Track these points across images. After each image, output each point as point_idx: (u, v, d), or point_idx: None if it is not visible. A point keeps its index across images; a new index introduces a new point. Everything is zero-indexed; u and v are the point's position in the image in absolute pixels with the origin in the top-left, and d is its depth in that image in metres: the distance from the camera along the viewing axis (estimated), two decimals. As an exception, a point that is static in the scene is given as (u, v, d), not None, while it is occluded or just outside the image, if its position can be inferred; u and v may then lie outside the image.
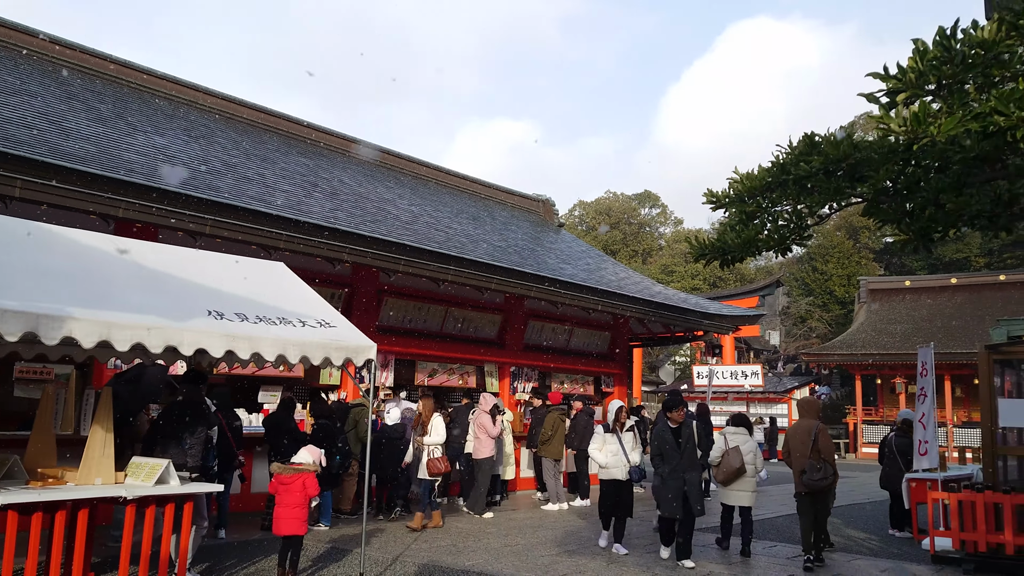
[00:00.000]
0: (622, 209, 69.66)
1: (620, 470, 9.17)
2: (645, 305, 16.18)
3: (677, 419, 8.57)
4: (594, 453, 9.38)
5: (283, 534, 7.02)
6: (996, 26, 2.94)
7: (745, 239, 4.93)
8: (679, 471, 8.33)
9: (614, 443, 9.24)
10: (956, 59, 3.07)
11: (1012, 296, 35.65)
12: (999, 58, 3.02)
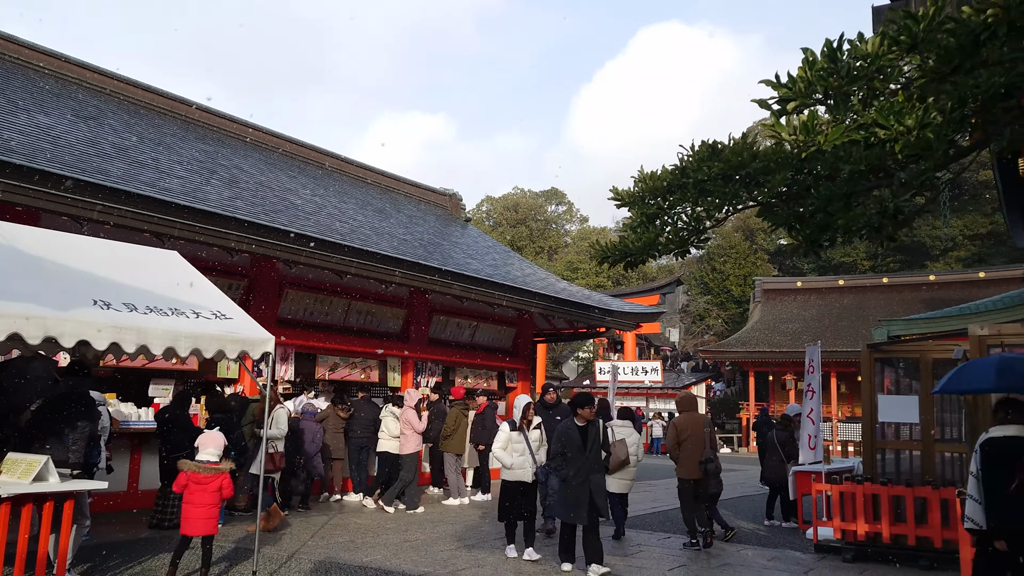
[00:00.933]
0: (529, 206, 70.19)
1: (526, 471, 8.57)
2: (549, 301, 16.34)
3: (587, 417, 7.94)
4: (499, 453, 8.69)
5: (196, 534, 6.80)
6: (879, 40, 3.09)
7: (646, 241, 5.02)
8: (584, 473, 7.67)
9: (520, 442, 8.67)
10: (842, 71, 3.20)
11: (894, 298, 37.73)
12: (882, 71, 3.17)
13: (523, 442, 8.65)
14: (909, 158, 3.45)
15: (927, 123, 3.09)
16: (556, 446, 7.94)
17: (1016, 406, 5.84)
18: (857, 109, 3.26)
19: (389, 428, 12.32)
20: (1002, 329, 8.38)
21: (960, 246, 48.22)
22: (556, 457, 7.88)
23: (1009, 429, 5.71)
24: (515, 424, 8.75)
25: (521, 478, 8.57)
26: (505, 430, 8.74)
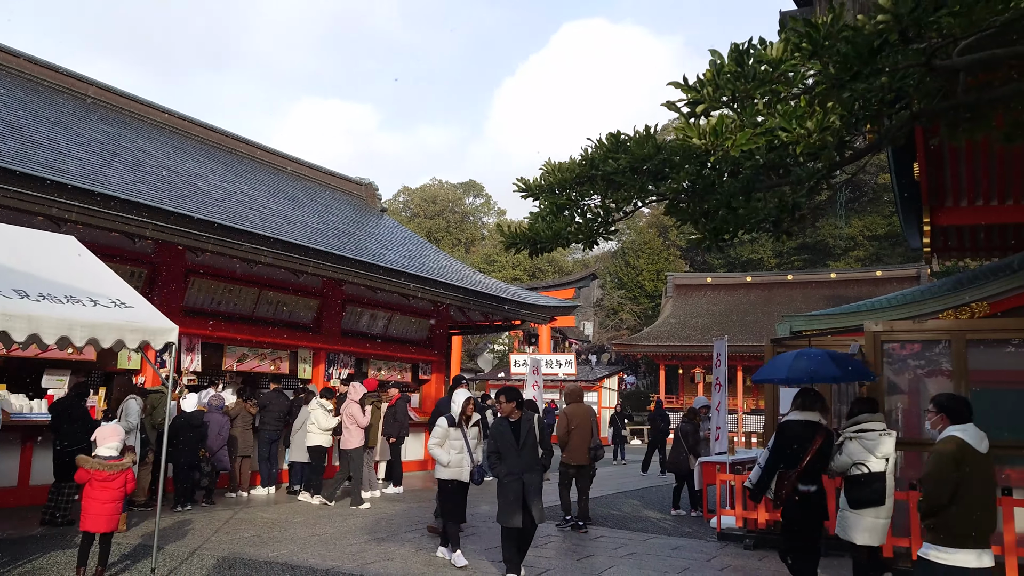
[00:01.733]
0: (447, 198, 69.97)
1: (463, 469, 8.06)
2: (465, 293, 16.32)
3: (515, 414, 7.39)
4: (436, 450, 8.14)
5: (98, 531, 6.54)
6: (783, 45, 3.19)
7: (555, 230, 5.06)
8: (517, 473, 7.16)
9: (459, 439, 8.13)
10: (748, 74, 3.29)
11: (798, 294, 39.18)
12: (785, 76, 3.27)
13: (461, 439, 8.15)
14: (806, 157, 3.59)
15: (826, 127, 3.21)
16: (490, 444, 7.50)
17: (809, 395, 6.80)
18: (762, 112, 3.36)
19: (320, 422, 12.14)
20: (894, 325, 8.79)
21: (860, 246, 50.40)
22: (491, 455, 7.48)
23: (804, 415, 6.67)
24: (454, 420, 8.23)
25: (458, 476, 8.07)
26: (443, 426, 8.20)
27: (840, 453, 6.74)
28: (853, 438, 6.69)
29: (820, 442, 6.56)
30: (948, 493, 4.88)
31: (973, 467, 4.93)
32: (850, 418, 6.97)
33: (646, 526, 11.00)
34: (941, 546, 4.97)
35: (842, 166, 4.02)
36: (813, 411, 6.68)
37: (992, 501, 5.09)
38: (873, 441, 6.60)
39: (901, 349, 9.63)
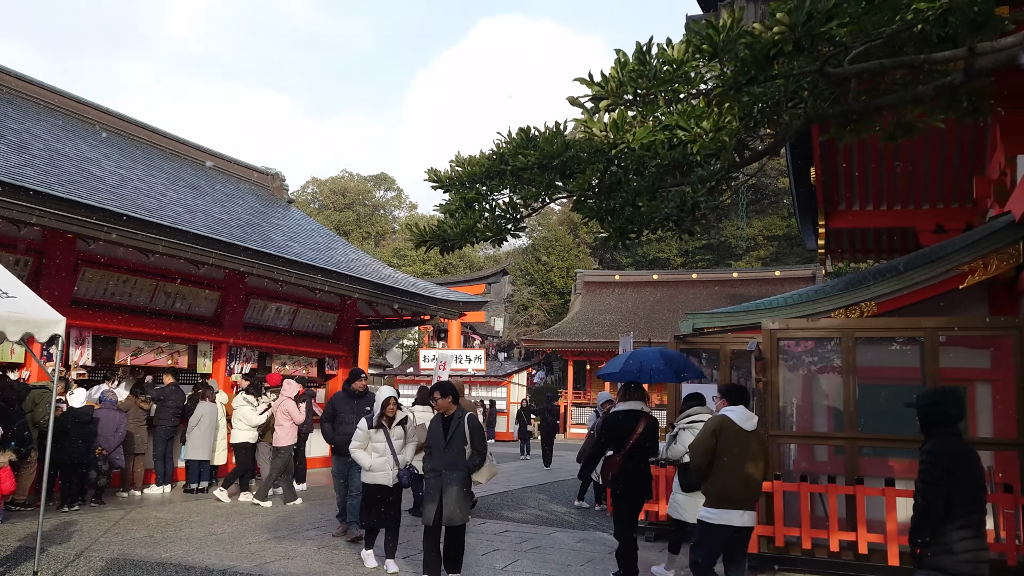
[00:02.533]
0: (357, 190, 68.95)
1: (386, 473, 7.59)
2: (373, 288, 16.11)
3: (451, 409, 7.07)
4: (358, 453, 7.69)
5: None
6: (685, 47, 3.26)
7: (464, 227, 5.03)
8: (439, 469, 6.89)
9: (381, 440, 7.67)
10: (650, 73, 3.35)
11: (702, 292, 40.28)
12: (686, 76, 3.35)
13: (383, 441, 7.66)
14: (706, 158, 3.68)
15: (722, 127, 3.30)
16: (425, 441, 7.21)
17: (630, 388, 7.89)
18: (663, 110, 3.42)
19: (248, 418, 11.79)
20: (790, 323, 9.12)
21: (761, 246, 52.21)
22: (421, 451, 7.38)
23: (628, 405, 7.65)
24: (373, 421, 7.73)
25: (380, 481, 7.59)
26: (363, 427, 7.74)
27: (675, 443, 7.74)
28: (686, 428, 7.66)
29: (643, 427, 7.46)
30: (706, 459, 5.88)
31: (733, 440, 5.88)
32: (683, 411, 8.01)
33: (551, 520, 11.11)
34: (712, 508, 5.91)
35: (741, 167, 4.14)
36: (635, 401, 7.65)
37: (752, 470, 5.94)
38: None
39: (796, 346, 10.01)
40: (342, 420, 9.15)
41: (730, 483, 5.86)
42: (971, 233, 9.41)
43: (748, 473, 5.91)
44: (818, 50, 3.16)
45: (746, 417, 6.01)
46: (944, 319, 8.57)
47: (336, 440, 9.16)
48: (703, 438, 5.99)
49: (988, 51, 3.08)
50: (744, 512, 5.89)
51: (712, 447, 5.88)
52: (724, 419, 5.99)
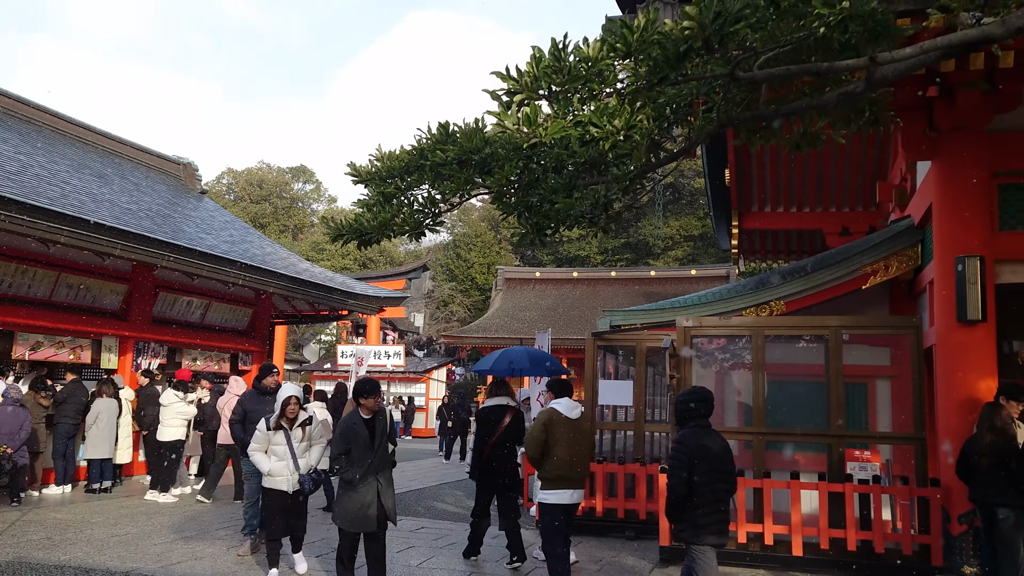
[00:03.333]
0: (275, 182, 67.44)
1: (285, 479, 7.10)
2: (290, 282, 15.77)
3: (372, 408, 6.67)
4: (256, 457, 7.19)
5: None
6: (600, 45, 3.29)
7: (381, 221, 4.96)
8: (372, 472, 6.50)
9: (281, 443, 7.13)
10: (565, 70, 3.37)
11: (620, 290, 40.93)
12: (601, 74, 3.38)
13: (283, 443, 7.11)
14: (621, 157, 3.72)
15: (634, 125, 3.34)
16: (339, 444, 6.64)
17: (498, 384, 8.54)
18: (577, 108, 3.44)
19: (184, 412, 11.53)
20: (703, 321, 9.33)
21: (678, 245, 53.39)
22: (339, 458, 6.63)
23: (495, 400, 8.30)
24: (270, 423, 7.19)
25: (280, 486, 7.07)
26: (261, 428, 7.17)
27: None
28: None
29: (509, 419, 8.12)
30: (539, 448, 6.62)
31: (561, 429, 6.66)
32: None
33: (468, 516, 11.08)
34: (546, 490, 6.69)
35: (655, 168, 4.21)
36: (502, 396, 8.32)
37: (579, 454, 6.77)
38: None
39: (709, 343, 10.26)
40: (252, 420, 8.36)
41: (562, 467, 6.63)
42: (873, 236, 9.82)
43: (576, 457, 6.71)
44: (728, 53, 3.23)
45: (571, 407, 6.86)
46: (847, 318, 8.92)
47: (248, 442, 8.49)
48: (535, 431, 6.68)
49: (888, 61, 3.21)
50: (574, 491, 6.77)
51: (544, 439, 6.63)
52: (552, 411, 6.79)
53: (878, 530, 7.89)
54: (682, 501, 5.30)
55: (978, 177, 7.86)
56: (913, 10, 5.68)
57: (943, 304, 7.93)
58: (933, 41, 3.16)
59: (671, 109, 3.87)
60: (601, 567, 8.13)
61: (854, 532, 7.92)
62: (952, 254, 7.80)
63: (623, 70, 3.46)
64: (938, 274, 8.07)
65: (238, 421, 8.60)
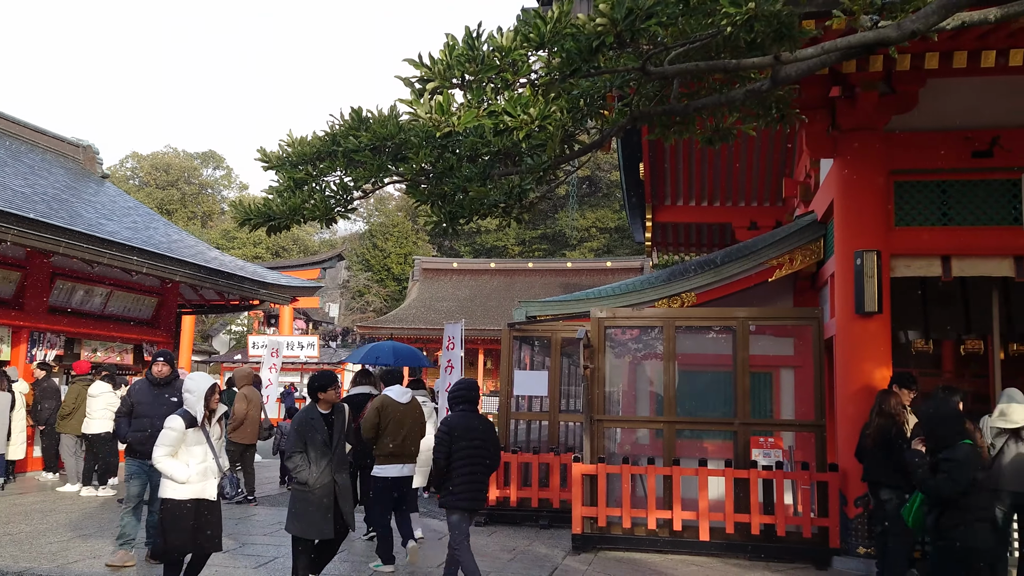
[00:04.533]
0: (183, 167, 65.19)
1: (210, 484, 5.89)
2: (197, 270, 15.27)
3: (331, 401, 6.34)
4: (167, 463, 5.74)
5: None
6: (514, 35, 3.28)
7: (291, 206, 4.84)
8: (328, 474, 6.08)
9: (200, 443, 5.86)
10: (479, 59, 3.35)
11: (537, 281, 41.20)
12: (515, 64, 3.37)
13: (203, 442, 5.90)
14: (534, 147, 3.73)
15: (547, 116, 3.35)
16: (295, 442, 6.13)
17: (362, 373, 9.49)
18: (490, 97, 3.43)
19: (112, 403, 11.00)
20: (617, 312, 9.48)
21: (594, 237, 54.09)
22: (294, 456, 6.10)
23: (360, 389, 9.14)
24: (191, 416, 5.87)
25: (202, 494, 5.84)
26: (177, 427, 5.78)
27: None
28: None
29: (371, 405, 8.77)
30: (373, 430, 7.37)
31: (392, 413, 7.44)
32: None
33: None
34: (380, 465, 7.44)
35: (569, 159, 4.23)
36: (365, 386, 9.17)
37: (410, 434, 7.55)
38: None
39: (622, 334, 10.43)
40: (141, 414, 7.45)
41: (392, 445, 7.38)
42: (779, 230, 10.16)
43: (404, 436, 7.47)
44: (640, 48, 3.27)
45: (401, 393, 7.67)
46: (754, 309, 9.20)
47: (130, 437, 7.49)
48: (370, 415, 7.47)
49: (791, 60, 3.30)
50: (404, 465, 7.52)
51: (377, 422, 7.38)
52: (384, 398, 7.57)
53: (780, 514, 8.19)
54: (442, 473, 6.23)
55: (876, 175, 8.22)
56: (818, 12, 5.89)
57: (842, 296, 8.26)
58: (833, 42, 3.27)
59: (585, 101, 3.90)
60: (514, 556, 8.18)
61: (758, 516, 8.20)
62: (851, 249, 8.13)
63: (537, 61, 3.47)
64: (838, 268, 8.40)
65: (125, 414, 7.63)
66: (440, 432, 6.29)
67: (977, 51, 7.18)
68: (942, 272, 8.15)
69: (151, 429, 6.91)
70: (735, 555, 8.22)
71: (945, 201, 8.26)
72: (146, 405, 7.45)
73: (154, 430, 6.74)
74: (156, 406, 7.31)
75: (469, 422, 6.30)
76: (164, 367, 7.65)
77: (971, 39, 6.92)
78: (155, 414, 7.06)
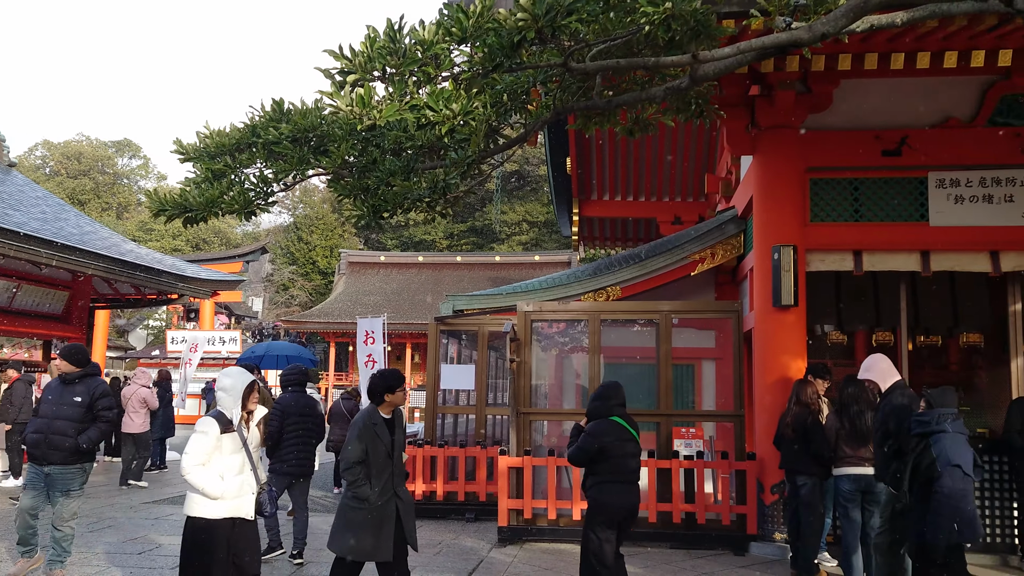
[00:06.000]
0: (96, 156, 62.75)
1: (247, 500, 4.96)
2: (111, 263, 14.73)
3: (399, 404, 5.45)
4: (199, 475, 4.73)
5: None
6: (436, 28, 3.26)
7: (208, 198, 4.71)
8: (390, 488, 5.26)
9: (238, 451, 4.95)
10: (400, 52, 3.32)
11: (465, 275, 41.19)
12: (437, 58, 3.35)
13: (241, 450, 4.97)
14: (458, 141, 3.72)
15: (470, 111, 3.34)
16: (357, 451, 5.19)
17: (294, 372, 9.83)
18: (412, 91, 3.40)
19: None
20: (543, 306, 9.53)
21: (523, 231, 54.31)
22: (354, 467, 5.18)
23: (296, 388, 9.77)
24: (227, 419, 4.92)
25: (237, 512, 4.89)
26: (211, 431, 4.83)
27: None
28: None
29: None
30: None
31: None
32: None
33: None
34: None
35: (493, 153, 4.24)
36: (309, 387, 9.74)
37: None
38: None
39: (549, 327, 10.50)
40: (41, 412, 6.66)
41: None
42: (702, 225, 10.38)
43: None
44: (561, 44, 3.29)
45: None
46: (676, 303, 9.37)
47: (28, 439, 6.59)
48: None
49: (709, 59, 3.37)
50: None
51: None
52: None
53: (701, 502, 8.38)
54: (276, 444, 7.47)
55: (793, 172, 8.47)
56: (737, 12, 6.02)
57: (761, 290, 8.50)
58: (749, 42, 3.35)
59: (508, 96, 3.90)
60: (440, 550, 8.17)
61: (680, 505, 8.38)
62: (769, 244, 8.36)
63: (460, 55, 3.46)
64: (757, 262, 8.63)
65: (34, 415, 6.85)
66: (274, 409, 7.50)
67: (887, 53, 7.47)
68: (854, 266, 8.45)
69: (47, 432, 6.39)
70: (658, 543, 8.38)
71: (857, 198, 8.56)
72: (48, 403, 6.61)
73: (50, 432, 6.42)
74: (58, 405, 6.57)
75: (296, 400, 7.73)
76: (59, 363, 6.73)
77: (881, 42, 7.19)
78: (55, 414, 6.47)
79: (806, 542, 6.94)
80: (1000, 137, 8.22)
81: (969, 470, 5.11)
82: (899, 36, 6.99)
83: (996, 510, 7.77)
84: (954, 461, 5.10)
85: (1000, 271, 8.21)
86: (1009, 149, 8.19)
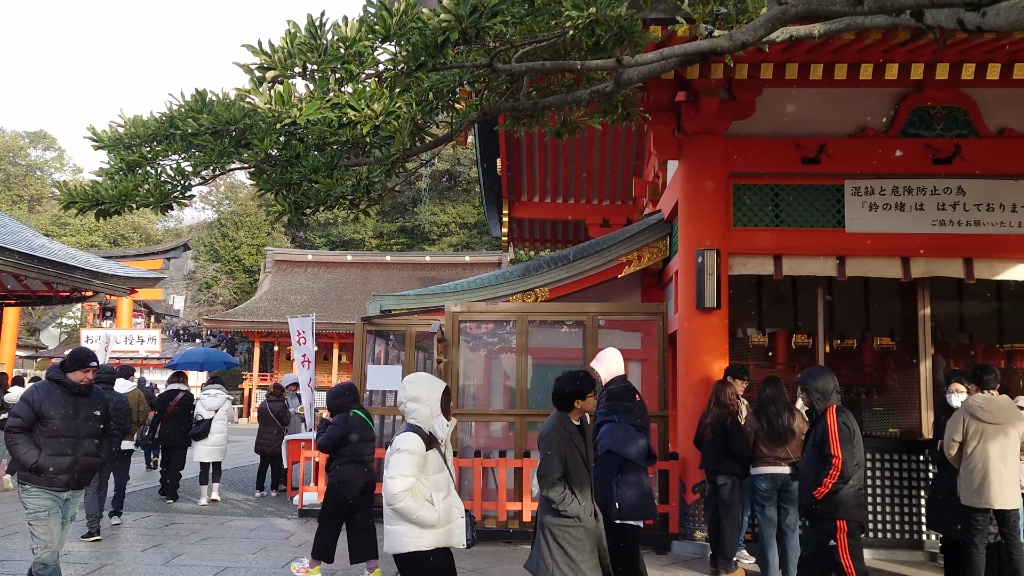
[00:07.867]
0: (7, 147, 60.06)
1: (458, 527, 4.37)
2: (20, 259, 14.12)
3: (589, 411, 4.84)
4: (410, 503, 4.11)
5: None
6: (359, 25, 3.20)
7: (122, 190, 4.53)
8: (591, 502, 4.67)
9: (441, 469, 4.42)
10: (322, 49, 3.25)
11: (395, 275, 40.85)
12: (360, 55, 3.29)
13: (444, 469, 4.45)
14: (383, 139, 3.67)
15: (392, 111, 3.30)
16: (556, 465, 4.53)
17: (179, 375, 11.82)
18: (334, 89, 3.34)
19: None
20: (471, 307, 9.52)
21: (453, 232, 54.15)
22: (557, 485, 4.51)
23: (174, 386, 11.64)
24: (427, 433, 4.38)
25: (448, 541, 4.34)
26: (417, 449, 4.24)
27: None
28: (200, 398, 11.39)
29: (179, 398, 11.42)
30: None
31: None
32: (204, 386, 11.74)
33: (225, 509, 10.59)
34: None
35: (419, 152, 4.19)
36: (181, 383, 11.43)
37: None
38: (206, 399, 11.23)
39: (477, 328, 10.48)
40: (54, 431, 5.49)
41: None
42: (629, 228, 10.51)
43: None
44: (487, 44, 3.27)
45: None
46: (603, 305, 9.48)
47: (42, 462, 5.40)
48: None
49: (632, 64, 3.40)
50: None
51: None
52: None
53: (625, 502, 8.46)
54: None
55: (716, 177, 8.64)
56: (664, 19, 6.11)
57: (685, 293, 8.65)
58: (672, 48, 3.39)
59: (434, 94, 3.87)
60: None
61: (604, 505, 8.44)
62: (693, 247, 8.51)
63: (384, 53, 3.41)
64: (682, 265, 8.78)
65: (24, 428, 5.50)
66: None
67: (807, 64, 7.69)
68: (774, 270, 8.67)
69: (72, 452, 5.49)
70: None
71: (778, 204, 8.79)
72: (59, 419, 5.51)
73: (76, 455, 5.50)
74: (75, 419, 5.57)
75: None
76: (88, 373, 5.66)
77: (801, 52, 7.40)
78: (74, 430, 5.53)
79: (725, 540, 7.09)
80: (912, 147, 8.56)
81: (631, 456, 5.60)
82: (818, 48, 7.21)
83: (905, 507, 8.10)
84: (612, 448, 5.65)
85: (911, 277, 8.53)
86: (920, 159, 8.52)
